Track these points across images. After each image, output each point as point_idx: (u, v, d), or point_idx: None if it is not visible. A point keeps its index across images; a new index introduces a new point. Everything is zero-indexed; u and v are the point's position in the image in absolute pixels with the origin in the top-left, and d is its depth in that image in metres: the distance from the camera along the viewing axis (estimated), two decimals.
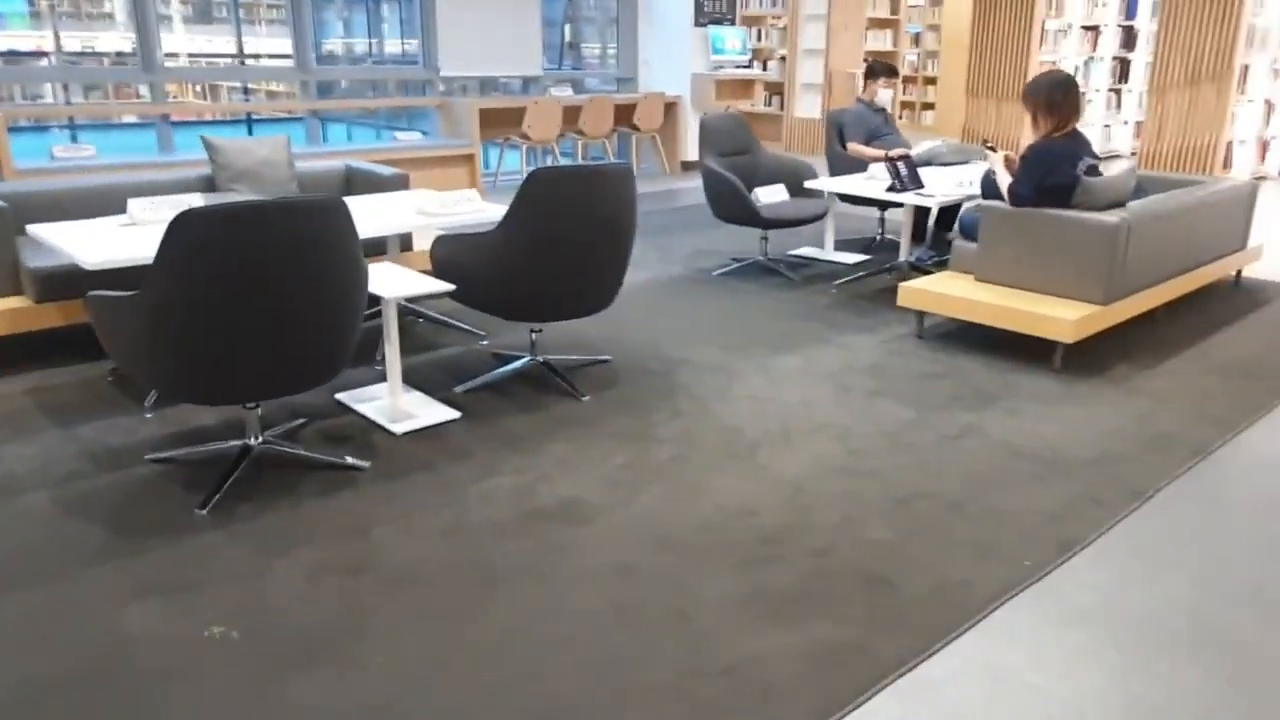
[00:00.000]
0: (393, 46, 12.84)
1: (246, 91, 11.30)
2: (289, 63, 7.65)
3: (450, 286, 3.33)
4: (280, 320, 2.58)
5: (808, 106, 11.60)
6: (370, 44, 12.28)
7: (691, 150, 9.55)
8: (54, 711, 1.89)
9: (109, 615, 2.20)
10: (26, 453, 3.00)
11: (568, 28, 12.06)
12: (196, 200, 3.69)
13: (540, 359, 3.80)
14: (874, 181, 5.13)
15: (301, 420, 3.26)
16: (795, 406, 3.47)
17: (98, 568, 2.38)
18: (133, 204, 3.52)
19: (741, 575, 2.37)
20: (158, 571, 2.37)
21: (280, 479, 2.86)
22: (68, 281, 3.64)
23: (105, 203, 4.04)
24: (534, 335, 3.80)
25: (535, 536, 2.55)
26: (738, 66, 9.88)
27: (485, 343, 4.16)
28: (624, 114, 8.90)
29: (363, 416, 3.32)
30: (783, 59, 11.81)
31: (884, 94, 6.13)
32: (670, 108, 9.38)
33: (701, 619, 2.19)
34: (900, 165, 4.83)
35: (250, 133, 10.46)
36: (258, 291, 2.51)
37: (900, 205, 5.06)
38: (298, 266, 2.57)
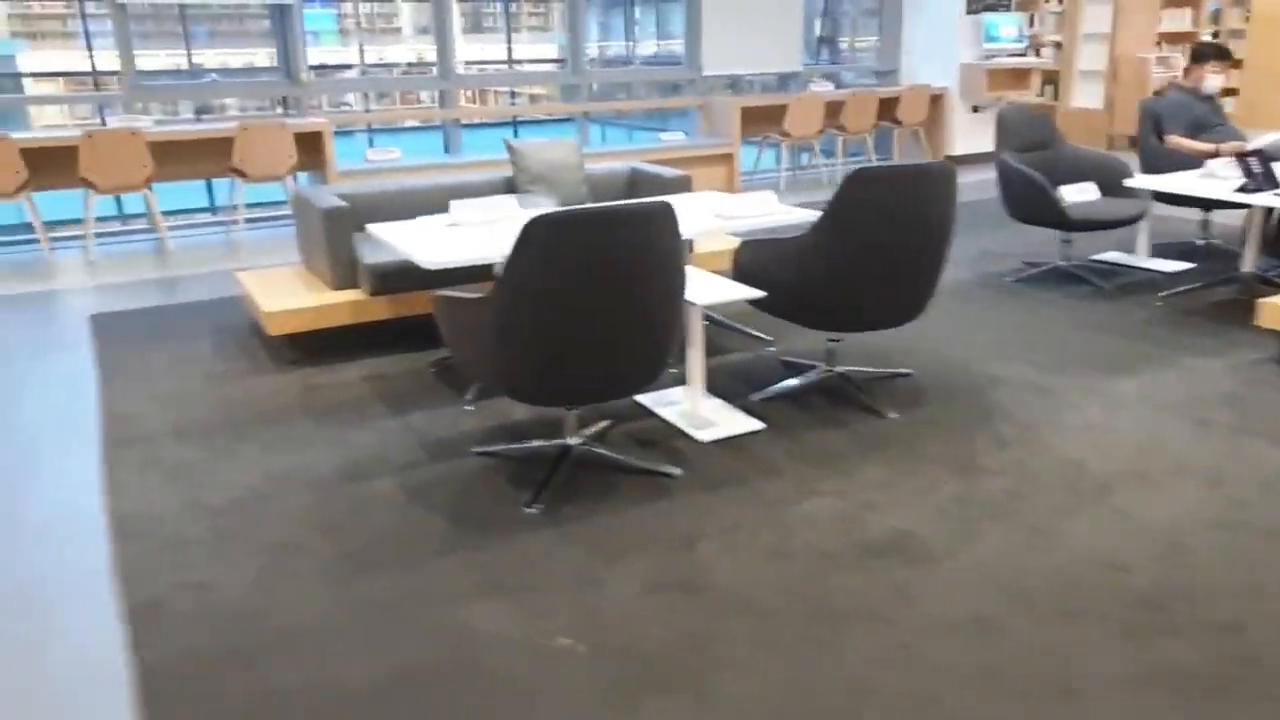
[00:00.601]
0: (645, 49, 13.06)
1: (513, 95, 11.91)
2: (553, 66, 7.90)
3: (759, 293, 3.21)
4: (618, 324, 2.56)
5: (1086, 96, 10.60)
6: (626, 46, 12.57)
7: (959, 144, 8.98)
8: (409, 706, 1.93)
9: (457, 611, 2.24)
10: (369, 439, 3.19)
11: (819, 21, 11.73)
12: (509, 202, 3.80)
13: (836, 370, 3.60)
14: (1213, 180, 4.50)
15: (608, 422, 3.26)
16: (1144, 441, 3.05)
17: (444, 560, 2.45)
18: (455, 205, 3.67)
19: (1129, 647, 2.05)
20: (499, 569, 2.40)
21: (597, 481, 2.85)
22: (398, 276, 3.87)
23: (424, 202, 4.29)
24: (831, 345, 3.61)
25: (872, 573, 2.36)
26: (1012, 55, 9.18)
27: (772, 349, 4.02)
28: (885, 108, 8.48)
29: (663, 420, 3.27)
30: (1057, 45, 10.86)
31: (1212, 80, 5.41)
32: (935, 100, 8.86)
33: (1095, 701, 1.90)
34: (1252, 162, 4.19)
35: (516, 135, 10.95)
36: (601, 295, 2.50)
37: (1244, 206, 4.40)
38: (636, 270, 2.54)
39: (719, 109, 7.89)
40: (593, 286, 2.50)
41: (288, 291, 4.02)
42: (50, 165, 5.66)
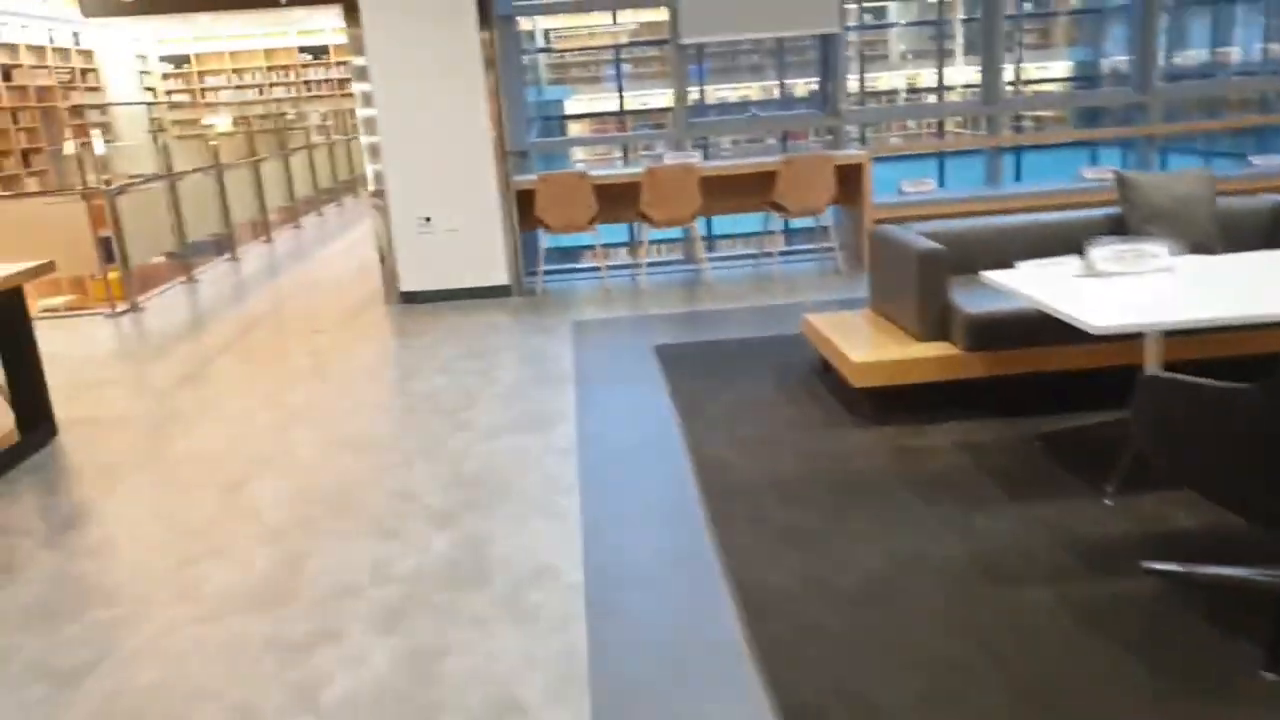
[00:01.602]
0: (1179, 60, 11.18)
1: (1019, 120, 10.89)
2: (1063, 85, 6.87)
3: None
4: None
5: None
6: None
7: None
8: None
9: None
10: (995, 529, 2.69)
11: None
12: (1158, 250, 3.09)
13: None
14: None
15: None
16: None
17: None
18: (1095, 252, 3.06)
19: None
20: None
21: None
22: (998, 331, 3.37)
23: (1021, 243, 3.76)
24: None
25: None
26: None
27: None
28: None
29: None
30: None
31: None
32: None
33: None
34: None
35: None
36: None
37: None
38: None
39: None
40: None
41: (866, 340, 3.71)
42: (606, 200, 6.09)
